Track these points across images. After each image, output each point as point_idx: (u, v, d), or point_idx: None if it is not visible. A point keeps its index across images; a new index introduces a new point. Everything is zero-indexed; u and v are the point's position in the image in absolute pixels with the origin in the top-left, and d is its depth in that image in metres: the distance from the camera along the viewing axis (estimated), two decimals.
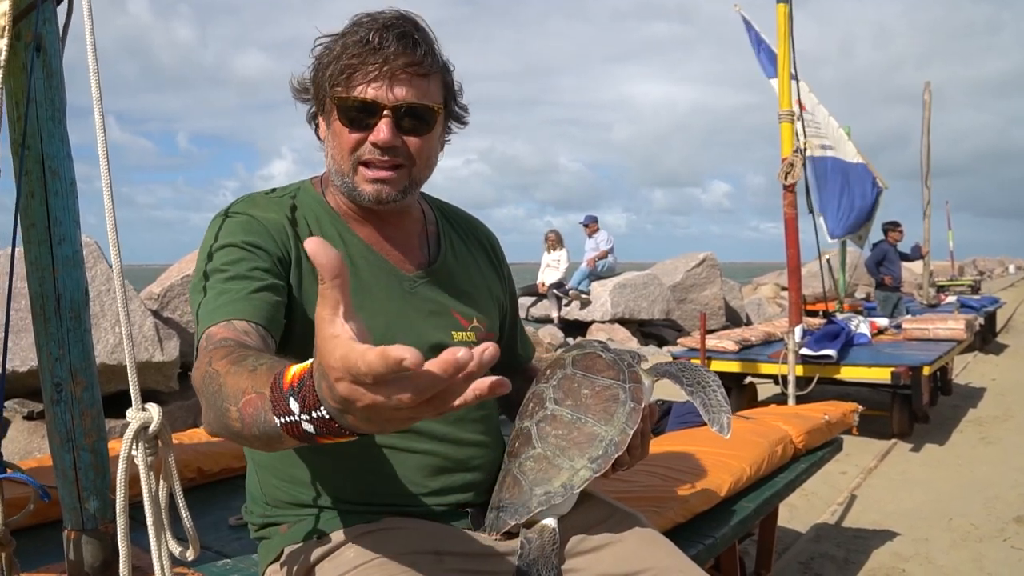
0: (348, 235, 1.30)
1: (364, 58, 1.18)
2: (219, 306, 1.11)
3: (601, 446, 1.25)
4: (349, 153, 1.23)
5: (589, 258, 11.63)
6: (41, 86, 1.27)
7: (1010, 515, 3.85)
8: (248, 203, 1.26)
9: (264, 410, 0.84)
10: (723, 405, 1.31)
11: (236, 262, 1.16)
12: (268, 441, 0.87)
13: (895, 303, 9.88)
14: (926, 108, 11.10)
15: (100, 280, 4.99)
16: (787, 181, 4.94)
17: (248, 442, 0.91)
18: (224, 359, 0.96)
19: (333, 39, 1.22)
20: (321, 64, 1.23)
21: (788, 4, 4.89)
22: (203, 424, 1.01)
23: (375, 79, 1.19)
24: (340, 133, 1.23)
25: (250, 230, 1.20)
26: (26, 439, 4.67)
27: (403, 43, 1.19)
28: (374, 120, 1.20)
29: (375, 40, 1.17)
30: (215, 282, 1.15)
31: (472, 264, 1.45)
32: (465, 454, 1.32)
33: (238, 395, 0.88)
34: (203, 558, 1.56)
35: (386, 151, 1.22)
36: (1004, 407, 6.69)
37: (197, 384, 0.99)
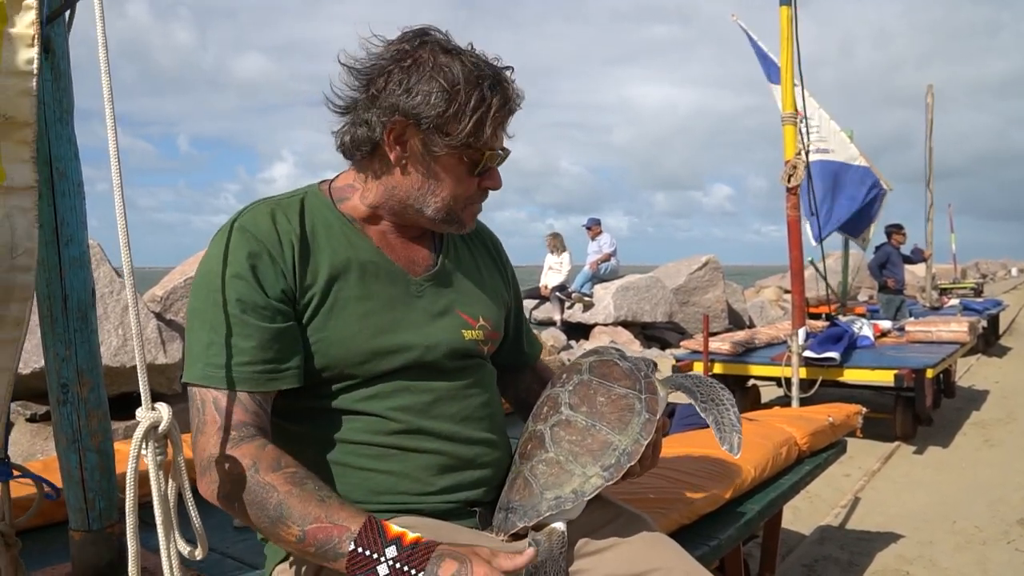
0: (357, 239, 1.30)
1: (506, 114, 1.26)
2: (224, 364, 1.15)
3: (614, 455, 1.25)
4: (466, 195, 1.31)
5: (592, 261, 11.63)
6: (49, 88, 1.28)
7: (1014, 518, 3.85)
8: (256, 216, 1.25)
9: (340, 538, 1.04)
10: (735, 424, 1.31)
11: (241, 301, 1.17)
12: (310, 555, 1.08)
13: (898, 306, 9.88)
14: (929, 111, 11.10)
15: (104, 282, 4.99)
16: (790, 184, 4.94)
17: (285, 545, 1.12)
18: (278, 473, 1.10)
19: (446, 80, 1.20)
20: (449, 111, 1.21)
21: (791, 6, 4.89)
22: (215, 498, 1.13)
23: (496, 131, 1.26)
24: (459, 177, 1.28)
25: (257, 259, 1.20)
26: (29, 441, 4.67)
27: (509, 101, 1.26)
28: (489, 165, 1.29)
29: (513, 103, 1.27)
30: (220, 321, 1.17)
31: (476, 264, 1.47)
32: (472, 452, 1.32)
33: (307, 519, 1.06)
34: (209, 560, 1.56)
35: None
36: (1007, 410, 6.68)
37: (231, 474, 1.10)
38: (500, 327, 1.47)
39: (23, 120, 0.99)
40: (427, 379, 1.30)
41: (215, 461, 1.10)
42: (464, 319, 1.37)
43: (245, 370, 1.16)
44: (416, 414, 1.27)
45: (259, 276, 1.19)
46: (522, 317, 1.63)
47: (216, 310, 1.17)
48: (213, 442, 1.12)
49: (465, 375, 1.35)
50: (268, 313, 1.18)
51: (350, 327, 1.24)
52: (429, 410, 1.29)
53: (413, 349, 1.28)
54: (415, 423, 1.27)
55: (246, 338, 1.17)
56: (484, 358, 1.42)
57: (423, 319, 1.32)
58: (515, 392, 1.63)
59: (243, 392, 1.16)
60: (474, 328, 1.37)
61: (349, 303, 1.25)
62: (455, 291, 1.39)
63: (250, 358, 1.16)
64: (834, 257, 12.96)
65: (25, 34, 0.98)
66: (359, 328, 1.25)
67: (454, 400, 1.32)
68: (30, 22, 0.98)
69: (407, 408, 1.27)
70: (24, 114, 0.99)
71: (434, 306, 1.34)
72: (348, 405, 1.26)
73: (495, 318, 1.44)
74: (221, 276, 1.18)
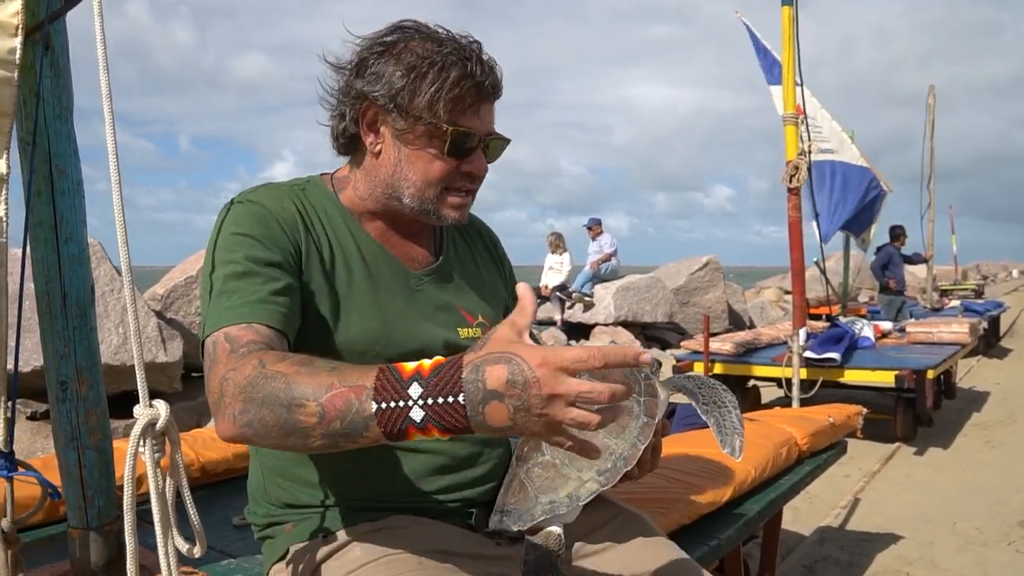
0: (358, 231, 1.30)
1: (470, 91, 1.21)
2: (235, 305, 1.09)
3: (611, 459, 1.24)
4: (440, 181, 1.25)
5: (592, 261, 11.62)
6: (49, 84, 1.27)
7: (1015, 519, 3.84)
8: (259, 192, 1.25)
9: (359, 400, 0.89)
10: (737, 428, 1.29)
11: (249, 257, 1.14)
12: (341, 437, 0.91)
13: (899, 307, 9.88)
14: (930, 112, 11.09)
15: (104, 280, 5.00)
16: (792, 184, 4.93)
17: (309, 438, 0.93)
18: (284, 362, 0.97)
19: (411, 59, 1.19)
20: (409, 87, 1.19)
21: (793, 6, 4.88)
22: (232, 426, 0.98)
23: (473, 110, 1.23)
24: (430, 159, 1.23)
25: (262, 221, 1.19)
26: (29, 439, 4.68)
27: (494, 75, 1.24)
28: (469, 148, 1.24)
29: (477, 73, 1.20)
30: (228, 276, 1.13)
31: (475, 260, 1.47)
32: (469, 452, 1.31)
33: (321, 391, 0.91)
34: (207, 558, 1.56)
35: (475, 179, 1.28)
36: (1008, 411, 6.68)
37: (239, 384, 0.97)
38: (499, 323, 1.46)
39: (4, 110, 0.98)
40: None
41: (224, 382, 0.99)
42: (463, 316, 1.36)
43: (258, 306, 1.10)
44: None
45: (270, 235, 1.18)
46: None
47: (225, 269, 1.14)
48: (222, 367, 1.02)
49: None
50: (277, 270, 1.16)
51: (351, 321, 1.23)
52: None
53: (410, 346, 1.26)
54: None
55: (258, 284, 1.12)
56: None
57: (422, 314, 1.31)
58: None
59: (257, 324, 1.08)
60: (472, 326, 1.36)
61: (349, 296, 1.24)
62: (454, 288, 1.38)
63: (263, 296, 1.11)
64: (835, 258, 12.95)
65: (8, 23, 0.97)
66: (359, 321, 1.24)
67: None
68: (14, 12, 0.97)
69: None
70: (3, 104, 0.98)
71: (433, 301, 1.33)
72: None
73: (493, 316, 1.43)
74: (229, 237, 1.17)
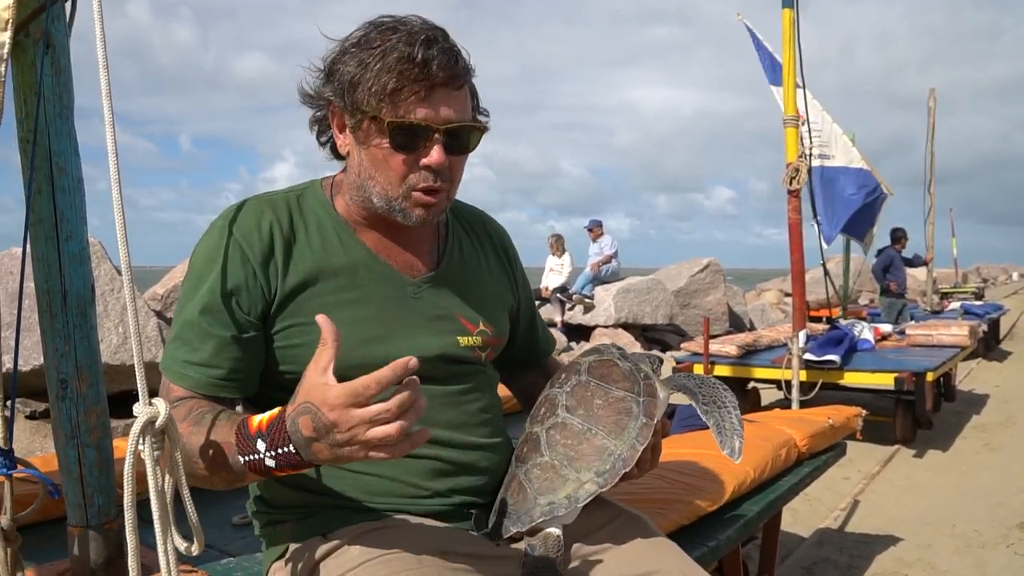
0: (351, 242, 1.27)
1: (409, 75, 1.13)
2: (180, 361, 1.18)
3: (609, 460, 1.23)
4: (400, 178, 1.20)
5: (593, 263, 11.62)
6: (49, 83, 1.27)
7: (1013, 521, 3.85)
8: (243, 217, 1.23)
9: (231, 454, 1.04)
10: (736, 428, 1.29)
11: (205, 305, 1.18)
12: (232, 480, 1.08)
13: (899, 309, 9.89)
14: (931, 115, 11.09)
15: (104, 280, 4.99)
16: (792, 186, 4.93)
17: (213, 485, 1.10)
18: (184, 422, 1.10)
19: (364, 50, 1.15)
20: (355, 78, 1.15)
21: (793, 9, 4.88)
22: None
23: (423, 99, 1.15)
24: (385, 157, 1.19)
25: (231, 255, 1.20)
26: (28, 438, 4.68)
27: (445, 58, 1.14)
28: (424, 143, 1.17)
29: (419, 56, 1.12)
30: (185, 322, 1.19)
31: (480, 266, 1.42)
32: (469, 457, 1.30)
33: (205, 452, 1.06)
34: (207, 556, 1.56)
35: (437, 175, 1.20)
36: (1007, 413, 6.68)
37: None
38: (503, 332, 1.43)
39: None
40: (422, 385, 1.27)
41: None
42: (463, 324, 1.33)
43: (192, 371, 1.17)
44: None
45: (229, 284, 1.18)
46: (535, 313, 1.59)
47: (186, 306, 1.20)
48: None
49: (461, 381, 1.32)
50: (230, 321, 1.18)
51: (348, 325, 1.18)
52: (424, 417, 1.26)
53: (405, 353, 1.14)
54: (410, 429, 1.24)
55: (203, 340, 1.17)
56: (482, 364, 1.38)
57: (417, 323, 1.28)
58: (521, 386, 1.61)
59: (195, 394, 1.17)
60: (471, 334, 1.34)
61: (337, 309, 1.20)
62: (456, 295, 1.35)
63: (199, 361, 1.17)
64: (835, 261, 12.95)
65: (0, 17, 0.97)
66: (347, 335, 1.16)
67: (450, 406, 1.29)
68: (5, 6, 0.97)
69: None
70: None
71: (432, 310, 1.31)
72: None
73: (498, 323, 1.40)
74: (197, 276, 1.20)
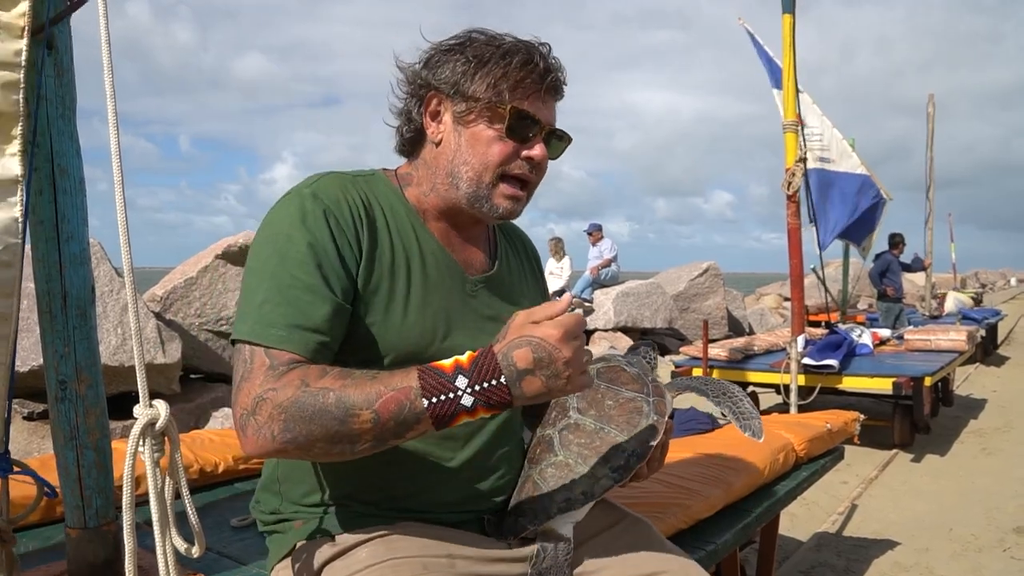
0: (422, 231, 1.29)
1: (534, 75, 1.22)
2: (281, 323, 1.09)
3: (623, 456, 1.26)
4: (499, 163, 1.24)
5: (592, 266, 11.62)
6: (52, 84, 1.28)
7: (1010, 525, 3.85)
8: (326, 185, 1.22)
9: (409, 400, 1.00)
10: (752, 412, 1.35)
11: (303, 265, 1.13)
12: (391, 435, 1.02)
13: (897, 314, 9.90)
14: (930, 120, 11.10)
15: (103, 281, 4.99)
16: (791, 191, 4.94)
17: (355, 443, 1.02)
18: (327, 377, 1.04)
19: (478, 48, 1.23)
20: (473, 68, 1.22)
21: (793, 15, 4.90)
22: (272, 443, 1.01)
23: (538, 98, 1.24)
24: (490, 140, 1.23)
25: (325, 224, 1.16)
26: (26, 439, 4.67)
27: (557, 71, 1.26)
28: (533, 135, 1.24)
29: (540, 62, 1.23)
30: (281, 282, 1.12)
31: (522, 275, 1.47)
32: (491, 464, 1.31)
33: (372, 398, 1.01)
34: (206, 559, 1.56)
35: (534, 167, 1.26)
36: (1005, 418, 6.68)
37: (280, 404, 1.01)
38: None
39: (10, 112, 0.99)
40: None
41: (260, 401, 1.02)
42: None
43: (299, 334, 1.09)
44: None
45: (332, 246, 1.16)
46: None
47: (284, 271, 1.12)
48: (260, 381, 1.04)
49: None
50: (340, 285, 1.15)
51: (407, 318, 1.21)
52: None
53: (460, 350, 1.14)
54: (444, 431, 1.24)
55: (315, 305, 1.11)
56: None
57: (474, 321, 1.30)
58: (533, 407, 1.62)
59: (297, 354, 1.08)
60: None
61: (407, 293, 1.23)
62: (505, 298, 1.37)
63: (308, 324, 1.10)
64: (834, 265, 12.95)
65: (14, 25, 0.98)
66: (415, 320, 1.22)
67: None
68: (21, 13, 0.98)
69: None
70: (10, 106, 0.99)
71: (486, 309, 1.33)
72: None
73: None
74: (286, 238, 1.14)
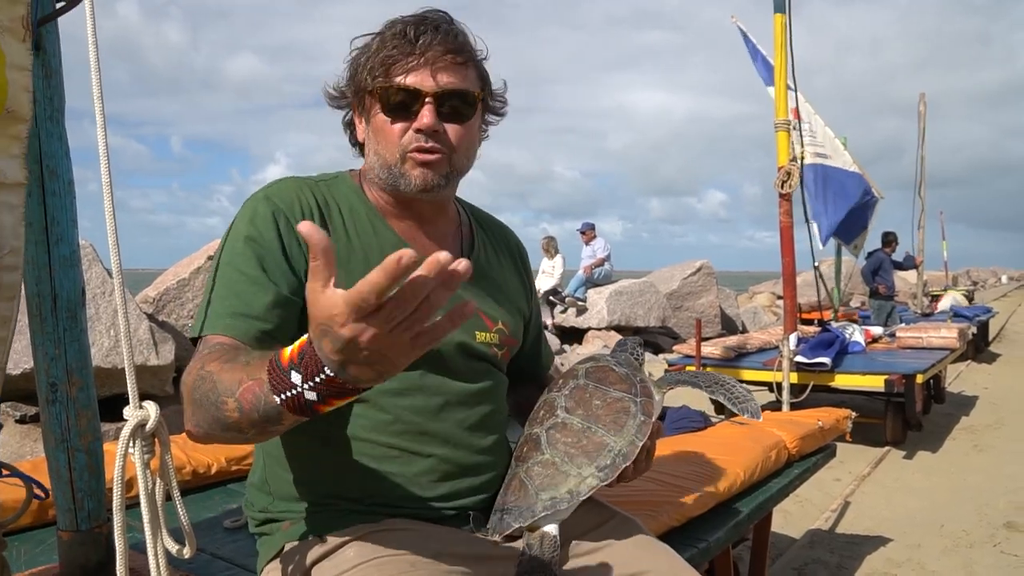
0: (383, 228, 1.30)
1: (403, 49, 1.21)
2: (226, 312, 1.13)
3: (610, 456, 1.26)
4: (396, 144, 1.25)
5: (586, 265, 11.64)
6: (40, 85, 1.27)
7: (1001, 521, 3.87)
8: (280, 188, 1.26)
9: (264, 393, 0.89)
10: (747, 395, 1.38)
11: (250, 262, 1.17)
12: (265, 424, 0.92)
13: (889, 312, 9.94)
14: (921, 119, 11.14)
15: (95, 283, 4.98)
16: (783, 190, 4.95)
17: (242, 431, 0.95)
18: (216, 361, 1.01)
19: (369, 39, 1.25)
20: (359, 63, 1.25)
21: (785, 14, 4.91)
22: (189, 426, 1.04)
23: (415, 68, 1.21)
24: (382, 125, 1.24)
25: (274, 224, 1.20)
26: (18, 443, 4.66)
27: (440, 32, 1.23)
28: (416, 107, 1.22)
29: (411, 33, 1.21)
30: (228, 277, 1.17)
31: (501, 269, 1.46)
32: (473, 460, 1.31)
33: (235, 387, 0.92)
34: (199, 561, 1.56)
35: (429, 137, 1.23)
36: (996, 415, 6.72)
37: (187, 387, 1.03)
38: (518, 334, 1.46)
39: (22, 115, 0.99)
40: (440, 379, 1.28)
41: (183, 385, 1.05)
42: (482, 320, 1.36)
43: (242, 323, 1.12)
44: (424, 416, 1.26)
45: (280, 242, 1.19)
46: (540, 327, 1.62)
47: (233, 264, 1.17)
48: (192, 366, 1.06)
49: (477, 379, 1.34)
50: (283, 279, 1.17)
51: None
52: (438, 413, 1.27)
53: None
54: (422, 425, 1.26)
55: (255, 295, 1.14)
56: (497, 364, 1.40)
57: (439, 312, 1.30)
58: (515, 398, 1.63)
59: (236, 338, 1.12)
60: (490, 331, 1.36)
61: None
62: (477, 291, 1.37)
63: (249, 311, 1.13)
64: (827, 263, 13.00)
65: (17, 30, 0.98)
66: None
67: (464, 406, 1.31)
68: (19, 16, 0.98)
69: (416, 409, 1.25)
70: (24, 109, 0.99)
71: (455, 301, 1.33)
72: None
73: (513, 324, 1.43)
74: (242, 236, 1.19)
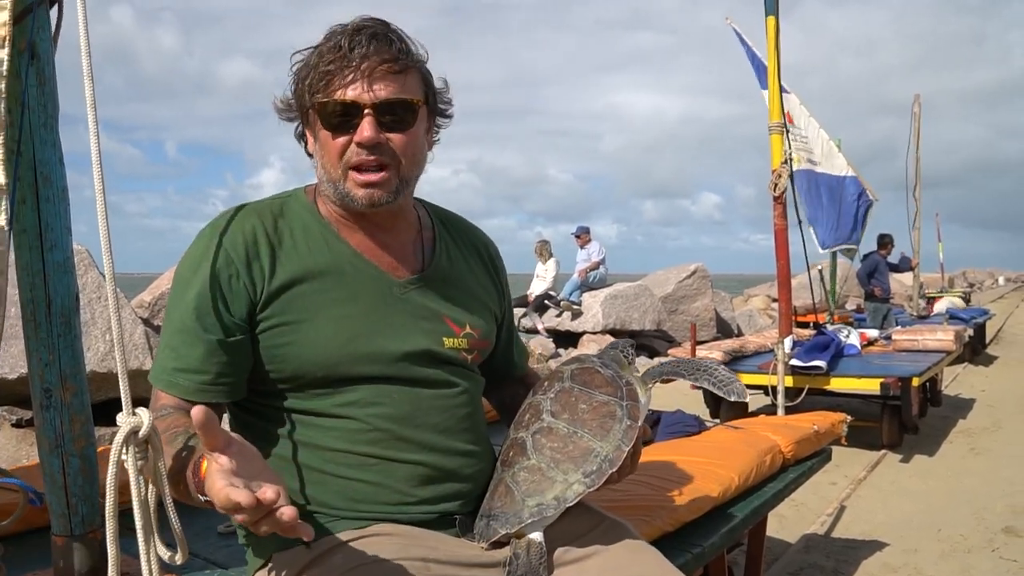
0: (336, 243, 1.30)
1: (339, 63, 1.20)
2: (169, 369, 1.22)
3: (596, 461, 1.25)
4: (338, 159, 1.24)
5: (580, 269, 11.63)
6: (34, 92, 1.27)
7: (998, 525, 3.87)
8: (228, 225, 1.27)
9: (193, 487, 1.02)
10: (730, 377, 1.39)
11: (192, 309, 1.21)
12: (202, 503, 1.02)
13: (885, 314, 9.95)
14: (915, 120, 11.17)
15: (91, 288, 4.97)
16: (777, 192, 4.96)
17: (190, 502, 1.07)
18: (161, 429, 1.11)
19: (309, 52, 1.25)
20: (300, 77, 1.26)
21: (776, 16, 4.92)
22: None
23: (352, 81, 1.20)
24: (326, 141, 1.25)
25: (215, 262, 1.23)
26: (15, 447, 4.65)
27: (376, 43, 1.21)
28: (356, 121, 1.21)
29: (346, 44, 1.20)
30: (175, 329, 1.23)
31: (468, 271, 1.45)
32: (454, 464, 1.32)
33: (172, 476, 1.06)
34: (191, 566, 1.56)
35: (371, 150, 1.23)
36: (993, 418, 6.72)
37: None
38: (490, 336, 1.45)
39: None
40: (409, 386, 1.29)
41: None
42: (448, 326, 1.36)
43: (181, 379, 1.21)
44: (397, 423, 1.27)
45: (214, 287, 1.22)
46: (513, 327, 1.62)
47: (172, 315, 1.23)
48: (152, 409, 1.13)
49: (448, 384, 1.34)
50: (216, 325, 1.21)
51: (323, 331, 1.24)
52: (411, 419, 1.28)
53: (388, 355, 1.27)
54: (396, 432, 1.26)
55: (190, 346, 1.21)
56: (468, 367, 1.40)
57: (403, 322, 1.31)
58: (500, 398, 1.63)
59: (176, 395, 1.21)
60: (458, 336, 1.36)
61: (323, 307, 1.25)
62: (443, 297, 1.37)
63: (187, 367, 1.20)
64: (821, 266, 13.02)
65: None
66: (333, 332, 1.25)
67: (436, 410, 1.31)
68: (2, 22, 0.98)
69: (388, 416, 1.26)
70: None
71: (418, 310, 1.33)
72: (327, 409, 1.26)
73: (484, 327, 1.42)
74: (183, 283, 1.24)
